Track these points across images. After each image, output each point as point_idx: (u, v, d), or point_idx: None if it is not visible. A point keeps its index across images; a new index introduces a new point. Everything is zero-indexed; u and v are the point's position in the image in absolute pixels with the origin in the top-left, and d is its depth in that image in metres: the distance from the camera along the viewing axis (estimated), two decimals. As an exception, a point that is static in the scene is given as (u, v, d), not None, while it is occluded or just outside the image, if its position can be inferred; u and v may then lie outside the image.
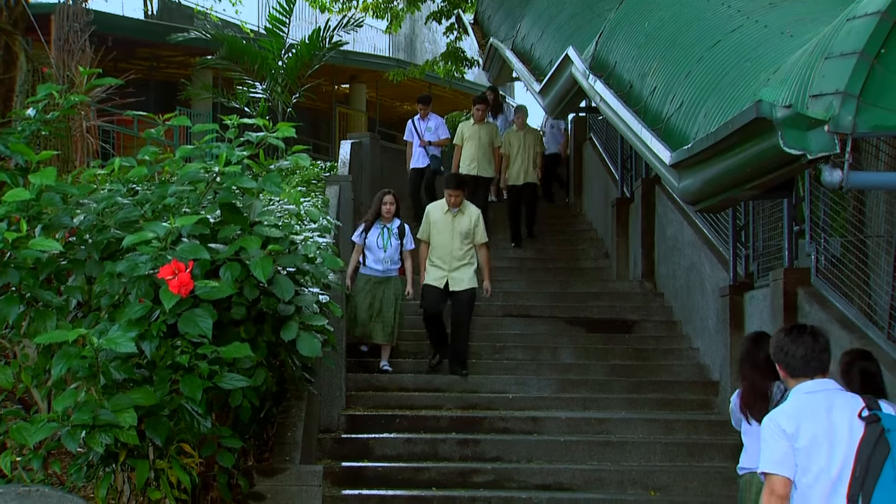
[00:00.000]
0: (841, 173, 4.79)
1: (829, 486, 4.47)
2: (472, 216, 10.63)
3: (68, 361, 4.67)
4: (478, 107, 15.18)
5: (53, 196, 5.08)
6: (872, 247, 7.77)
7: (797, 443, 4.51)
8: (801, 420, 4.54)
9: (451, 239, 10.51)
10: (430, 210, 10.82)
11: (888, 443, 4.42)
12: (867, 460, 4.41)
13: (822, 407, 4.56)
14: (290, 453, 6.76)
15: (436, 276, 10.52)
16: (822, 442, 4.49)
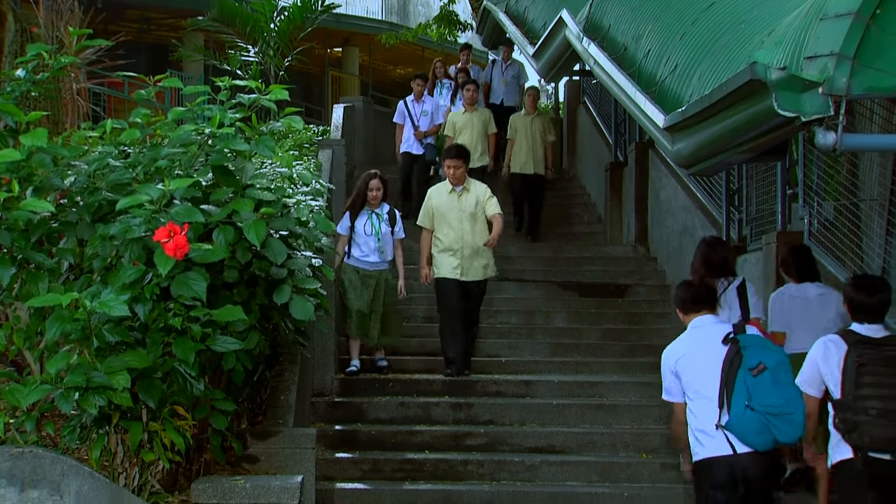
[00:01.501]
0: (835, 136, 4.79)
1: (708, 402, 5.55)
2: (480, 192, 9.52)
3: (62, 324, 4.66)
4: (468, 87, 13.64)
5: (44, 157, 5.04)
6: (865, 210, 7.78)
7: (678, 368, 5.70)
8: (683, 350, 5.76)
9: (459, 222, 9.39)
10: (431, 193, 9.66)
11: (742, 356, 5.51)
12: (727, 374, 5.51)
13: (702, 336, 5.73)
14: (284, 416, 6.77)
15: (450, 267, 9.40)
16: (701, 365, 5.62)
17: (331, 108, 16.62)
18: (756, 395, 5.43)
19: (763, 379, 5.46)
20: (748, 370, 5.50)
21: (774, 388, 5.47)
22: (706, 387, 5.56)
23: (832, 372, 5.49)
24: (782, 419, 5.43)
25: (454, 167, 9.47)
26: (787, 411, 5.43)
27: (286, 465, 6.10)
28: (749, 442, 5.47)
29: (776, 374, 5.49)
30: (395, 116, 14.60)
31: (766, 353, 5.57)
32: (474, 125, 13.47)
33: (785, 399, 5.45)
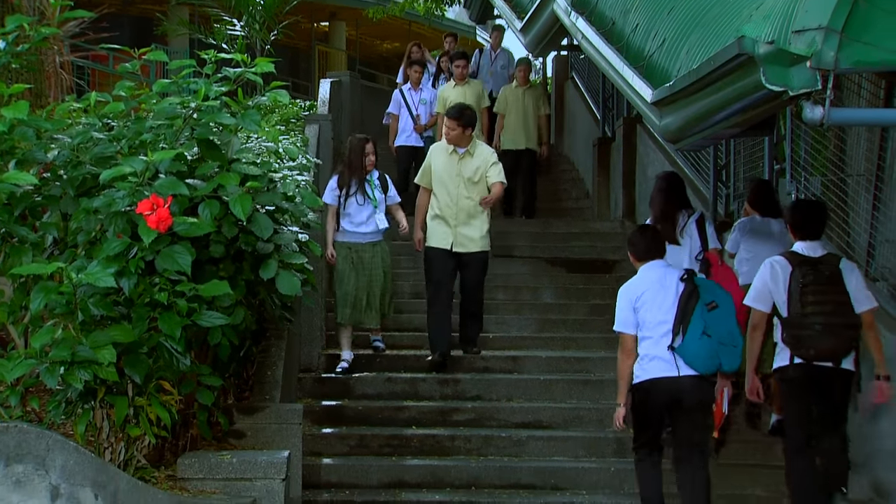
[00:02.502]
0: (822, 110, 4.78)
1: (661, 332, 6.25)
2: (485, 157, 8.80)
3: (46, 296, 4.64)
4: (458, 63, 12.86)
5: (27, 130, 5.00)
6: (852, 185, 7.79)
7: (638, 304, 6.34)
8: (643, 286, 6.37)
9: (455, 186, 8.74)
10: (433, 151, 9.06)
11: (698, 294, 6.25)
12: (684, 307, 6.23)
13: (657, 276, 6.39)
14: (270, 392, 6.76)
15: (440, 235, 8.78)
16: (657, 298, 6.30)
17: (317, 83, 16.53)
18: (711, 326, 6.19)
19: (716, 314, 6.23)
20: (704, 305, 6.23)
21: (725, 323, 6.24)
22: (662, 318, 6.28)
23: (779, 291, 6.32)
24: (727, 349, 6.22)
25: (448, 128, 8.78)
26: (731, 343, 6.25)
27: (273, 441, 6.10)
28: (696, 366, 6.21)
29: (726, 311, 6.28)
30: (389, 106, 13.49)
31: (717, 292, 6.35)
32: (466, 98, 12.41)
33: (730, 331, 6.25)
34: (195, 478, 5.22)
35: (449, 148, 8.83)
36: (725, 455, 7.68)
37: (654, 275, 6.43)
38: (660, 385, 6.26)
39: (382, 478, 7.57)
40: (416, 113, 13.06)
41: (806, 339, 6.22)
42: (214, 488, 5.20)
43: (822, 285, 6.23)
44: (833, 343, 6.20)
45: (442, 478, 7.54)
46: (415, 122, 13.04)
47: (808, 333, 6.20)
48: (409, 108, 13.13)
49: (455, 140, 8.75)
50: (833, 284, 6.24)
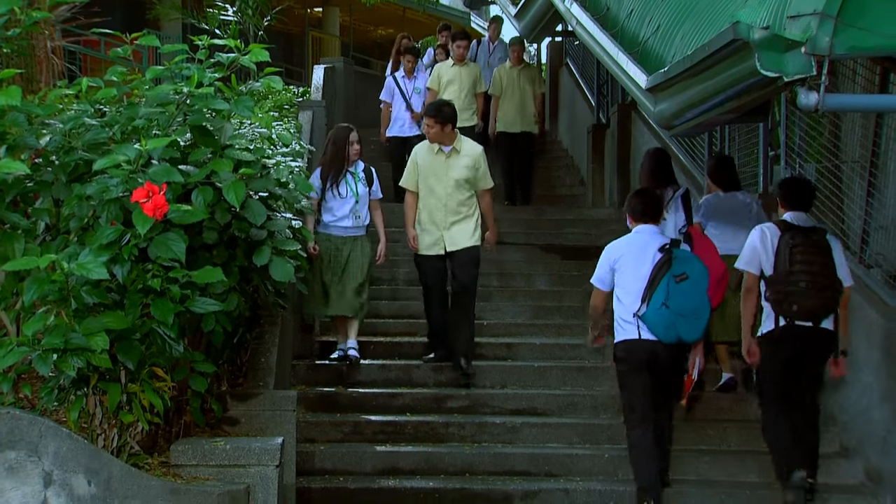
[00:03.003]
0: (817, 96, 4.78)
1: (633, 298, 6.68)
2: (473, 155, 8.49)
3: (39, 287, 4.61)
4: (458, 43, 12.65)
5: (18, 116, 4.96)
6: (847, 172, 7.79)
7: (616, 265, 6.78)
8: (624, 250, 6.81)
9: (443, 187, 8.42)
10: (416, 151, 8.69)
11: (671, 264, 6.61)
12: (655, 276, 6.60)
13: (642, 242, 6.77)
14: (264, 379, 6.75)
15: (429, 242, 8.50)
16: (634, 265, 6.71)
17: (311, 70, 16.49)
18: (674, 298, 6.57)
19: (683, 286, 6.60)
20: (673, 277, 6.61)
21: (690, 295, 6.61)
22: (635, 284, 6.68)
23: (767, 253, 6.68)
24: (689, 320, 6.60)
25: (427, 125, 8.48)
26: (696, 315, 6.62)
27: (267, 427, 6.09)
28: (656, 333, 6.62)
29: (696, 282, 6.65)
30: (381, 93, 13.14)
31: (692, 265, 6.71)
32: (462, 80, 12.44)
33: (695, 306, 6.62)
34: (189, 464, 5.21)
35: (434, 147, 8.51)
36: (724, 442, 7.70)
37: (640, 240, 6.83)
38: (637, 345, 6.72)
39: (376, 464, 7.57)
40: (410, 100, 12.74)
41: (791, 296, 6.54)
42: (208, 475, 5.19)
43: (810, 248, 6.58)
44: (816, 301, 6.53)
45: (436, 464, 7.54)
46: (411, 111, 12.66)
47: (793, 290, 6.53)
48: (403, 97, 12.77)
49: (436, 138, 8.43)
50: (820, 248, 6.60)
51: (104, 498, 4.55)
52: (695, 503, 7.06)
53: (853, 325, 7.22)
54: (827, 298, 6.55)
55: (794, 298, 6.55)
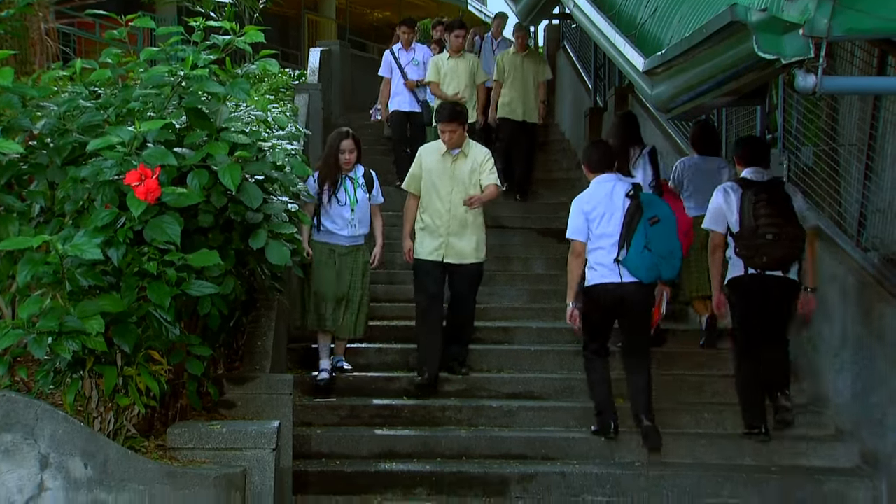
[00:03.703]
0: (815, 78, 4.77)
1: (610, 241, 7.04)
2: (479, 158, 8.18)
3: (33, 268, 4.59)
4: (456, 33, 12.06)
5: (12, 98, 4.94)
6: (844, 155, 7.78)
7: (591, 215, 7.11)
8: (594, 200, 7.15)
9: (448, 191, 8.10)
10: (422, 153, 8.34)
11: (642, 210, 7.02)
12: (629, 223, 7.01)
13: (607, 191, 7.16)
14: (261, 362, 6.75)
15: (430, 247, 8.15)
16: (606, 213, 7.08)
17: (307, 53, 16.42)
18: (653, 241, 6.99)
19: (658, 228, 7.04)
20: (647, 221, 7.02)
21: (665, 236, 7.05)
22: (610, 230, 7.09)
23: (732, 211, 7.09)
24: (667, 261, 7.05)
25: (449, 132, 8.05)
26: (673, 255, 7.08)
27: (263, 411, 6.09)
28: (639, 275, 7.04)
29: (667, 223, 7.10)
30: (380, 69, 12.74)
31: (660, 208, 7.15)
32: (459, 72, 11.94)
33: (671, 246, 7.08)
34: (185, 447, 5.20)
35: (441, 149, 8.18)
36: (721, 426, 7.71)
37: (605, 189, 7.21)
38: (607, 288, 7.12)
39: (373, 448, 7.57)
40: (406, 72, 12.44)
41: (761, 248, 6.94)
42: (204, 458, 5.19)
43: (773, 202, 6.99)
44: (784, 251, 6.95)
45: (433, 448, 7.54)
46: (405, 80, 12.38)
47: (762, 242, 6.94)
48: (400, 69, 12.43)
49: (457, 142, 8.09)
50: (782, 201, 7.03)
51: (101, 481, 4.55)
52: (691, 485, 7.07)
53: (848, 308, 7.22)
54: (794, 248, 6.96)
55: (764, 250, 6.94)
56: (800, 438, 7.44)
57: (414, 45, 12.64)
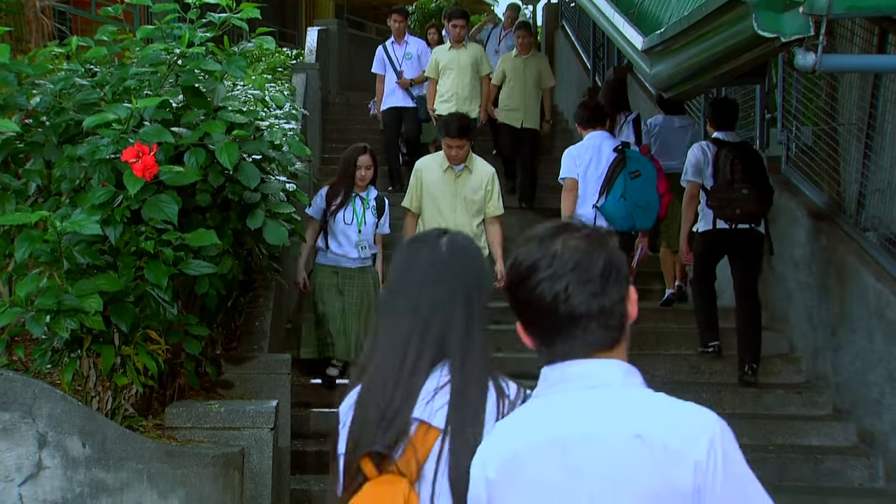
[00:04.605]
0: (814, 56, 4.74)
1: (595, 185, 7.67)
2: (485, 177, 7.64)
3: (31, 245, 4.57)
4: (454, 23, 11.16)
5: (7, 75, 4.90)
6: (844, 134, 7.76)
7: (579, 161, 7.81)
8: (583, 152, 7.84)
9: (451, 210, 7.59)
10: (421, 168, 7.75)
11: (626, 163, 7.67)
12: (612, 173, 7.65)
13: (597, 144, 7.83)
14: (259, 342, 6.74)
15: None
16: (593, 165, 7.74)
17: (304, 32, 16.36)
18: (629, 192, 7.60)
19: (637, 181, 7.64)
20: (628, 173, 7.64)
21: (643, 189, 7.65)
22: (593, 180, 7.70)
23: (707, 166, 7.69)
24: (643, 211, 7.65)
25: (457, 147, 7.47)
26: (648, 207, 7.66)
27: (261, 391, 6.09)
28: (614, 224, 7.52)
29: (647, 178, 7.70)
30: (373, 66, 11.83)
31: (643, 163, 7.78)
32: (461, 64, 11.01)
33: (648, 198, 7.66)
34: (183, 427, 5.20)
35: (443, 163, 7.62)
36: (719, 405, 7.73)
37: (595, 143, 7.83)
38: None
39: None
40: (400, 68, 11.55)
41: (734, 202, 7.48)
42: (203, 437, 5.19)
43: (746, 160, 7.57)
44: (756, 206, 7.51)
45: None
46: (399, 79, 11.52)
47: (736, 196, 7.47)
48: (392, 65, 11.58)
49: (462, 159, 7.56)
50: (754, 160, 7.66)
51: (99, 459, 4.55)
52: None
53: (846, 287, 7.22)
54: (764, 203, 7.57)
55: (738, 204, 7.47)
56: (797, 418, 7.45)
57: (407, 37, 11.79)
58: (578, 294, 2.02)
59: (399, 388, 2.34)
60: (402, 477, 2.29)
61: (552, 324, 2.05)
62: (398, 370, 2.34)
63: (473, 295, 2.46)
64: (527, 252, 2.06)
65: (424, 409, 2.32)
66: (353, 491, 2.31)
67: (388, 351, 2.37)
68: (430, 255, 2.45)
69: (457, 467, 2.26)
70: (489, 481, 2.05)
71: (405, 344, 2.36)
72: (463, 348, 2.40)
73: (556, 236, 2.05)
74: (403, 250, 2.53)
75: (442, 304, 2.40)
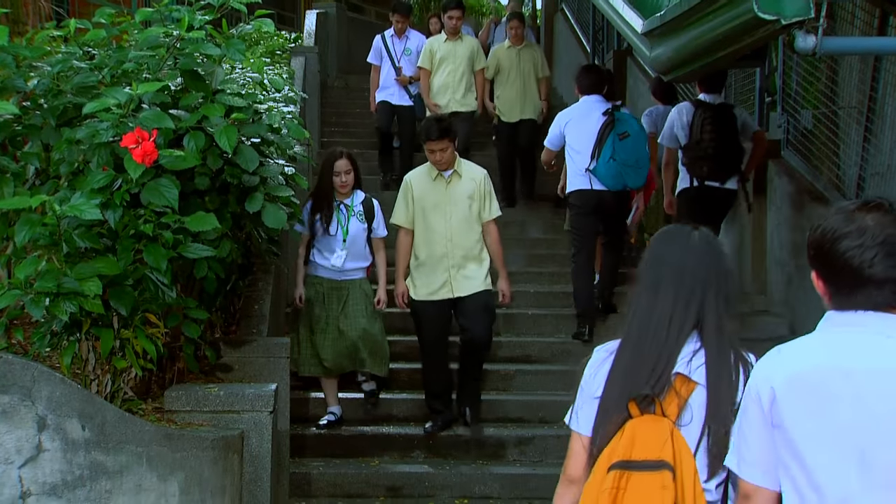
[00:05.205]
0: (815, 39, 4.73)
1: (584, 153, 8.20)
2: (477, 180, 7.24)
3: (31, 229, 4.56)
4: (451, 14, 10.95)
5: (5, 57, 4.88)
6: (844, 118, 7.74)
7: (566, 129, 8.35)
8: (574, 114, 8.42)
9: (448, 217, 7.19)
10: (410, 181, 7.33)
11: (614, 125, 8.11)
12: (601, 135, 8.12)
13: (587, 108, 8.33)
14: (258, 326, 6.74)
15: (429, 287, 7.22)
16: (584, 126, 8.23)
17: (303, 15, 16.31)
18: (618, 152, 8.06)
19: (626, 142, 8.09)
20: (617, 135, 8.09)
21: (633, 149, 8.12)
22: (584, 143, 8.20)
23: (683, 126, 8.28)
24: (633, 170, 8.12)
25: (440, 150, 7.09)
26: (638, 165, 8.14)
27: (260, 374, 6.09)
28: (606, 184, 8.15)
29: (636, 138, 8.17)
30: (369, 55, 11.65)
31: (631, 124, 8.24)
32: (458, 56, 10.87)
33: (637, 157, 8.13)
34: (182, 410, 5.20)
35: (432, 172, 7.24)
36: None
37: (586, 106, 8.36)
38: (585, 194, 8.28)
39: (370, 411, 7.59)
40: (399, 63, 11.33)
41: (701, 160, 8.15)
42: (202, 420, 5.19)
43: (717, 121, 8.12)
44: (721, 164, 8.15)
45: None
46: (397, 72, 11.31)
47: (703, 155, 8.14)
48: (391, 58, 11.35)
49: (448, 162, 7.17)
50: (726, 120, 8.15)
51: (99, 442, 4.55)
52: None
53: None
54: (731, 162, 8.18)
55: (704, 162, 8.15)
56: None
57: (408, 32, 11.53)
58: (882, 263, 2.48)
59: (665, 348, 2.95)
60: (664, 417, 2.90)
61: (852, 282, 2.51)
62: (665, 335, 2.96)
63: (721, 279, 3.02)
64: (835, 222, 2.53)
65: (685, 367, 2.94)
66: (615, 426, 2.95)
67: (653, 319, 3.00)
68: (686, 245, 3.05)
69: (714, 412, 2.89)
70: (774, 392, 2.55)
71: (670, 315, 2.98)
72: (714, 322, 2.98)
73: (862, 212, 2.52)
74: (660, 241, 3.13)
75: (699, 285, 2.99)
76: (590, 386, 3.16)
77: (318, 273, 7.42)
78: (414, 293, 7.29)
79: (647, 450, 2.86)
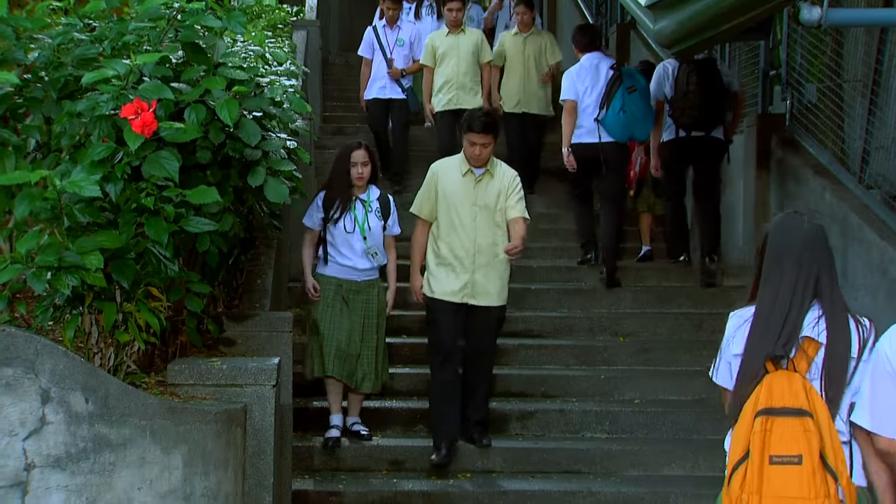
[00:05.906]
0: (820, 10, 4.71)
1: (593, 106, 8.82)
2: (506, 181, 6.93)
3: (31, 203, 4.55)
4: (450, 6, 10.39)
5: (5, 29, 4.85)
6: (848, 91, 7.71)
7: (579, 81, 8.90)
8: (582, 72, 8.99)
9: (473, 218, 6.87)
10: (437, 171, 7.00)
11: (622, 79, 8.81)
12: (611, 88, 8.77)
13: (593, 64, 9.01)
14: (260, 300, 6.74)
15: (450, 286, 6.87)
16: (591, 82, 8.88)
17: (305, -11, 16.20)
18: (627, 105, 8.67)
19: (634, 95, 8.74)
20: (625, 89, 8.72)
21: (640, 102, 8.77)
22: (592, 96, 8.80)
23: (668, 79, 8.86)
24: (641, 122, 8.80)
25: (481, 145, 6.79)
26: (645, 118, 8.85)
27: (263, 348, 6.09)
28: (614, 135, 8.75)
29: (642, 93, 8.83)
30: (360, 48, 11.07)
31: (637, 80, 8.91)
32: (461, 51, 10.32)
33: (645, 110, 8.84)
34: (185, 384, 5.20)
35: (462, 167, 6.90)
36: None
37: (592, 63, 8.97)
38: (588, 147, 8.82)
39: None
40: (391, 55, 10.80)
41: (686, 111, 8.63)
42: (205, 394, 5.19)
43: (702, 74, 8.64)
44: (706, 113, 8.62)
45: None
46: (389, 65, 10.77)
47: (688, 105, 8.62)
48: (382, 50, 10.80)
49: (485, 160, 6.87)
50: (710, 74, 8.68)
51: (102, 415, 4.55)
52: (690, 422, 7.12)
53: (849, 245, 7.21)
54: (714, 112, 8.66)
55: (690, 112, 8.62)
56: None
57: (400, 22, 11.02)
58: None
59: (791, 315, 3.58)
60: (795, 372, 3.51)
61: None
62: (790, 304, 3.59)
63: (831, 259, 3.69)
64: None
65: (812, 331, 3.58)
66: (755, 380, 3.52)
67: (781, 292, 3.61)
68: (801, 228, 3.67)
69: (830, 365, 3.51)
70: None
71: (793, 288, 3.61)
72: (831, 293, 3.62)
73: None
74: (780, 228, 3.71)
75: (815, 265, 3.63)
76: (729, 346, 3.74)
77: (335, 274, 7.07)
78: (429, 290, 6.97)
79: (785, 398, 3.45)
